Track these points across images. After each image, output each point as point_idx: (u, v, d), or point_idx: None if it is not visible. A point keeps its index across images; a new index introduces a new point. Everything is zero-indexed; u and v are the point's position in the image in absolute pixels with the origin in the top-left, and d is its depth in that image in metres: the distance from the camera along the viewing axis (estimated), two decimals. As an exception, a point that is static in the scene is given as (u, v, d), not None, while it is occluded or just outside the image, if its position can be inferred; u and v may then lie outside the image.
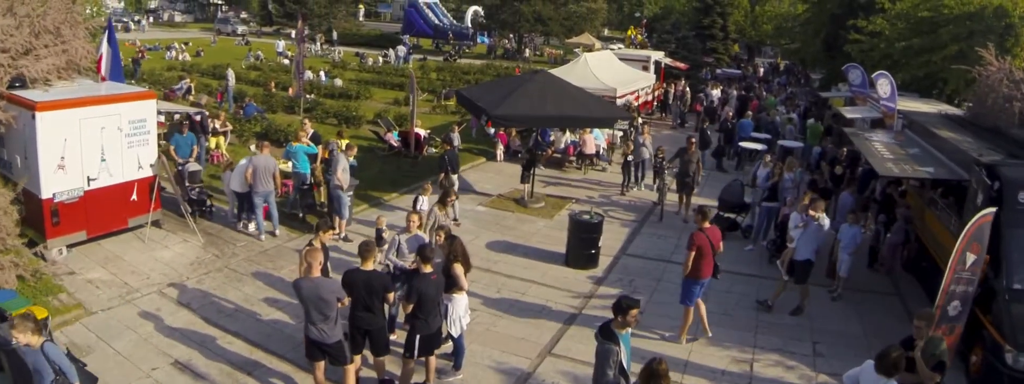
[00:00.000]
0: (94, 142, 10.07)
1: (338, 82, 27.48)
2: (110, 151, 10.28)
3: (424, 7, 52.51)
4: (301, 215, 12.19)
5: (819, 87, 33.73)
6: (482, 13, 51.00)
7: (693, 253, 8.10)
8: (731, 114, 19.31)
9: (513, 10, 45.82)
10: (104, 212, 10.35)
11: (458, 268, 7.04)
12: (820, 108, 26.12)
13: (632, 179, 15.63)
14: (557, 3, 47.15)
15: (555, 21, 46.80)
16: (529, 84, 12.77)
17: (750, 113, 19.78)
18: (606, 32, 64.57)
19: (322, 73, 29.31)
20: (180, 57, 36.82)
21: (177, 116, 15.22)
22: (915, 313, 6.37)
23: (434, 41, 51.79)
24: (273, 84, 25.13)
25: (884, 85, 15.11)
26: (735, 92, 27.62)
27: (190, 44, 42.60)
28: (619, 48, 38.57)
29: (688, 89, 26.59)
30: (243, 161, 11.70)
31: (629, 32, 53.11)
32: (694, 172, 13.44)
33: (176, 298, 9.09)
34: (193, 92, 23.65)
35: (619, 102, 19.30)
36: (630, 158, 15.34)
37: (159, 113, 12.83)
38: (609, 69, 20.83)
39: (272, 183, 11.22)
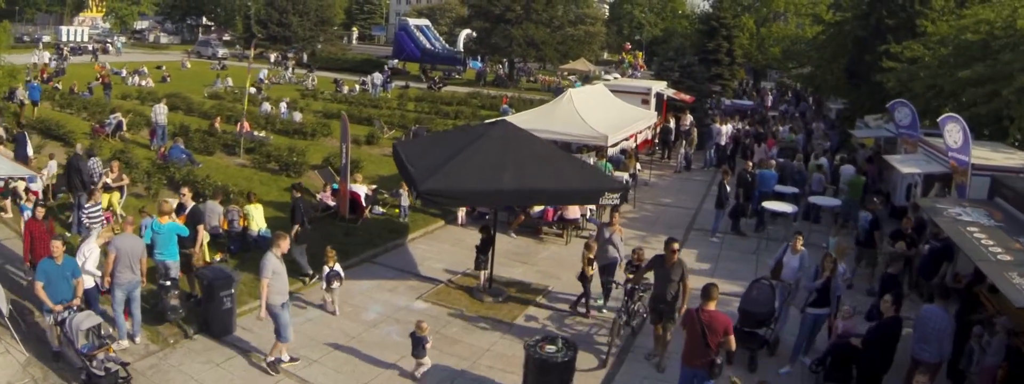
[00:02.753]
0: None
1: (298, 117, 24.23)
2: None
3: (415, 30, 50.00)
4: (168, 315, 8.85)
5: (838, 118, 30.56)
6: (474, 36, 48.12)
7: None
8: (750, 164, 15.87)
9: (504, 33, 42.71)
10: None
11: None
12: (846, 149, 22.74)
13: (593, 297, 10.18)
14: (552, 26, 44.12)
15: (549, 45, 43.63)
16: (481, 141, 9.16)
17: (773, 162, 16.32)
18: (606, 55, 61.81)
19: (283, 104, 26.08)
20: (142, 83, 33.75)
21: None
22: None
23: (421, 66, 49.01)
24: (220, 119, 21.90)
25: (954, 132, 11.65)
26: (747, 127, 24.26)
27: (163, 67, 39.64)
28: (615, 78, 35.51)
29: (694, 126, 23.01)
30: (86, 243, 8.74)
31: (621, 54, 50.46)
32: (676, 295, 8.36)
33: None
34: (124, 128, 20.50)
35: (612, 151, 15.90)
36: (592, 265, 9.88)
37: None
38: (600, 108, 17.07)
39: (138, 272, 8.42)
